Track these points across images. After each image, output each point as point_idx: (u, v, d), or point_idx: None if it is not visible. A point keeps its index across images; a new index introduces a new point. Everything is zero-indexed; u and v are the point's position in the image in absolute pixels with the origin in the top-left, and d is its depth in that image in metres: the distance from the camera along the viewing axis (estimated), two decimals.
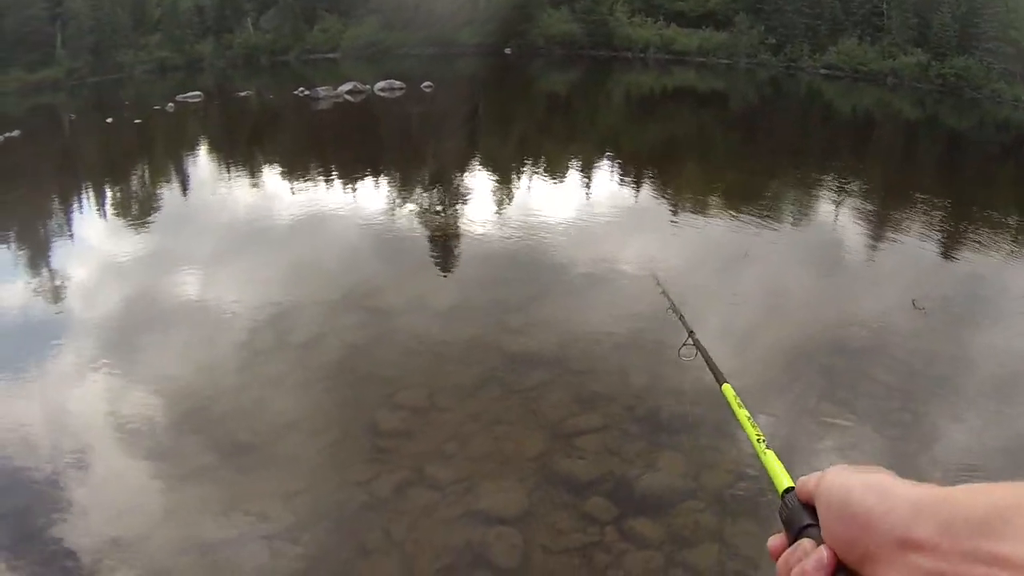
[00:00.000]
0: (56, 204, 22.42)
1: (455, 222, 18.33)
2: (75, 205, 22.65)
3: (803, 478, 0.93)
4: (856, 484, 0.78)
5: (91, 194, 23.74)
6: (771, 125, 33.51)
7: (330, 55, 56.87)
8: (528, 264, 15.20)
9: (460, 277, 15.00)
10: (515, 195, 20.87)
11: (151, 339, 12.02)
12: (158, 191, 24.26)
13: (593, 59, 51.84)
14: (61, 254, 17.39)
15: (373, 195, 21.22)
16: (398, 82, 39.00)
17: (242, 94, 40.73)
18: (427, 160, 26.66)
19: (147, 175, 26.60)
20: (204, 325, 12.52)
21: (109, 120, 34.67)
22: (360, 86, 38.72)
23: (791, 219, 18.92)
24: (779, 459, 1.13)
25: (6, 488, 8.36)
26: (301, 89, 39.28)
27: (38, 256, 17.27)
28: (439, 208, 19.43)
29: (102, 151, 30.98)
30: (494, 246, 16.40)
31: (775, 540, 0.93)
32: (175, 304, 13.46)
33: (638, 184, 22.39)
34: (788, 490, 1.00)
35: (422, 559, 7.29)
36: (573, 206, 19.28)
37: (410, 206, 19.74)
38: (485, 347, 11.55)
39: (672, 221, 18.46)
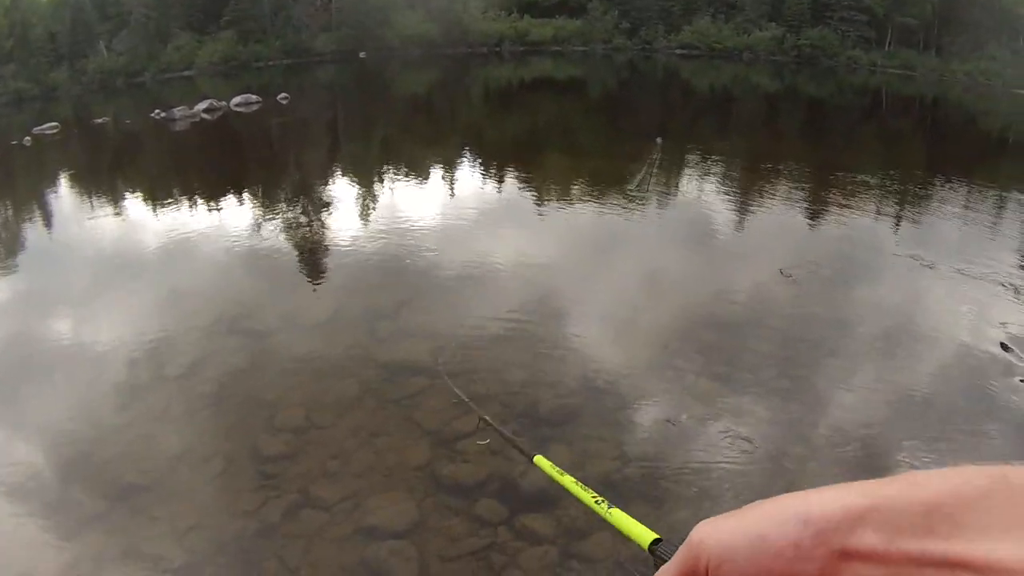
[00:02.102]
0: None
1: (321, 233, 18.38)
2: None
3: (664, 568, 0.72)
4: (762, 522, 0.66)
5: None
6: (631, 108, 34.15)
7: (186, 73, 55.85)
8: (396, 270, 15.37)
9: (330, 289, 15.02)
10: (380, 200, 20.98)
11: (22, 386, 11.71)
12: (20, 230, 23.21)
13: (450, 57, 52.13)
14: None
15: (237, 214, 20.98)
16: (254, 96, 38.67)
17: (99, 121, 39.57)
18: (288, 173, 26.52)
19: (8, 214, 25.98)
20: (77, 366, 12.25)
21: None
22: (216, 103, 38.08)
23: (656, 200, 19.38)
24: (628, 514, 1.04)
25: None
26: (158, 111, 38.32)
27: None
28: (305, 221, 19.45)
29: None
30: (361, 254, 16.53)
31: None
32: (44, 347, 13.13)
33: (501, 178, 22.73)
34: (656, 542, 0.92)
35: None
36: (438, 207, 19.49)
37: (275, 222, 19.65)
38: (359, 359, 11.66)
39: (538, 213, 18.84)
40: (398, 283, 14.67)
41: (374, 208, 20.14)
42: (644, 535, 0.96)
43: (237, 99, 38.48)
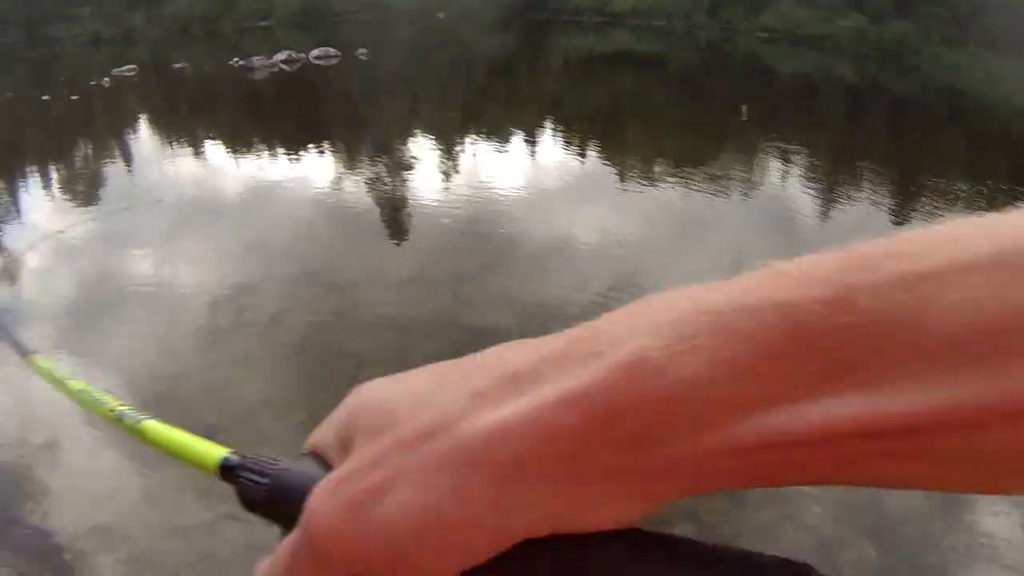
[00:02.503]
0: None
1: (401, 191, 18.30)
2: (19, 185, 22.33)
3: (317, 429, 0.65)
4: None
5: (34, 174, 23.46)
6: (713, 89, 33.66)
7: (263, 23, 56.04)
8: (477, 234, 15.19)
9: (411, 248, 14.92)
10: (460, 163, 20.75)
11: (106, 322, 11.88)
12: (101, 169, 23.95)
13: (528, 21, 51.52)
14: (6, 234, 17.24)
15: (318, 166, 21.06)
16: (333, 50, 38.52)
17: (177, 66, 40.05)
18: (368, 129, 26.42)
19: (89, 153, 26.25)
20: (160, 306, 12.35)
21: (46, 98, 34.15)
22: (295, 55, 38.06)
23: (739, 185, 19.05)
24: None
25: None
26: (236, 59, 38.57)
27: None
28: (385, 178, 19.36)
29: (41, 130, 30.51)
30: (442, 215, 16.35)
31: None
32: (128, 285, 13.31)
33: (584, 150, 22.34)
34: (229, 462, 0.66)
35: None
36: (520, 175, 19.18)
37: (355, 177, 19.63)
38: (443, 321, 11.57)
39: (622, 187, 18.50)
40: (480, 247, 14.51)
41: (454, 171, 19.94)
42: (212, 453, 0.69)
43: (316, 52, 38.41)
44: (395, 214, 16.76)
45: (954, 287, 0.38)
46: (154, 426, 0.73)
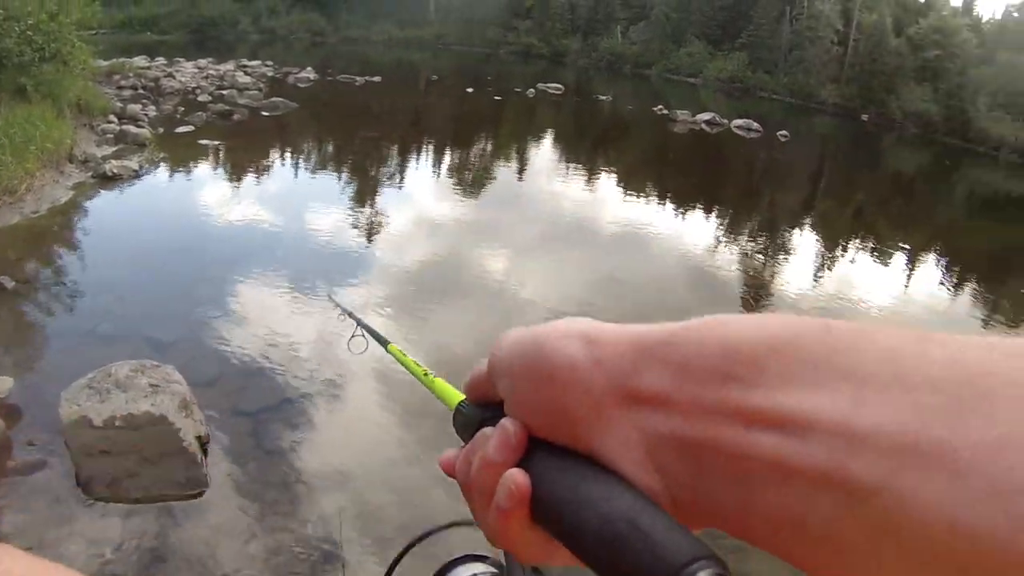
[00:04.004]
0: (397, 154, 23.23)
1: (772, 274, 17.63)
2: (415, 159, 23.97)
3: (470, 373, 0.71)
4: (548, 334, 0.58)
5: (433, 153, 24.61)
6: None
7: (691, 79, 56.72)
8: None
9: None
10: (835, 267, 19.62)
11: (443, 301, 12.31)
12: (496, 166, 25.29)
13: (944, 145, 49.05)
14: (387, 200, 18.31)
15: (699, 226, 20.87)
16: (755, 124, 38.05)
17: (601, 97, 41.09)
18: (763, 207, 25.97)
19: (491, 149, 27.32)
20: (499, 305, 12.59)
21: (469, 90, 35.69)
22: (719, 119, 38.03)
23: None
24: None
25: (256, 390, 8.56)
26: (660, 108, 39.33)
27: (364, 194, 18.33)
28: (759, 257, 18.74)
29: (457, 117, 31.86)
30: (805, 310, 15.34)
31: (448, 453, 0.71)
32: (476, 275, 13.68)
33: (957, 285, 20.45)
34: (462, 401, 0.79)
35: None
36: (888, 292, 17.77)
37: (732, 248, 19.18)
38: None
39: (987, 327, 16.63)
40: None
41: (828, 271, 18.82)
42: (453, 396, 0.82)
43: (739, 121, 38.14)
44: (756, 292, 16.06)
45: None
46: (438, 380, 0.92)
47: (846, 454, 0.41)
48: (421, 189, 19.85)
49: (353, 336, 1.67)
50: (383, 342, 1.39)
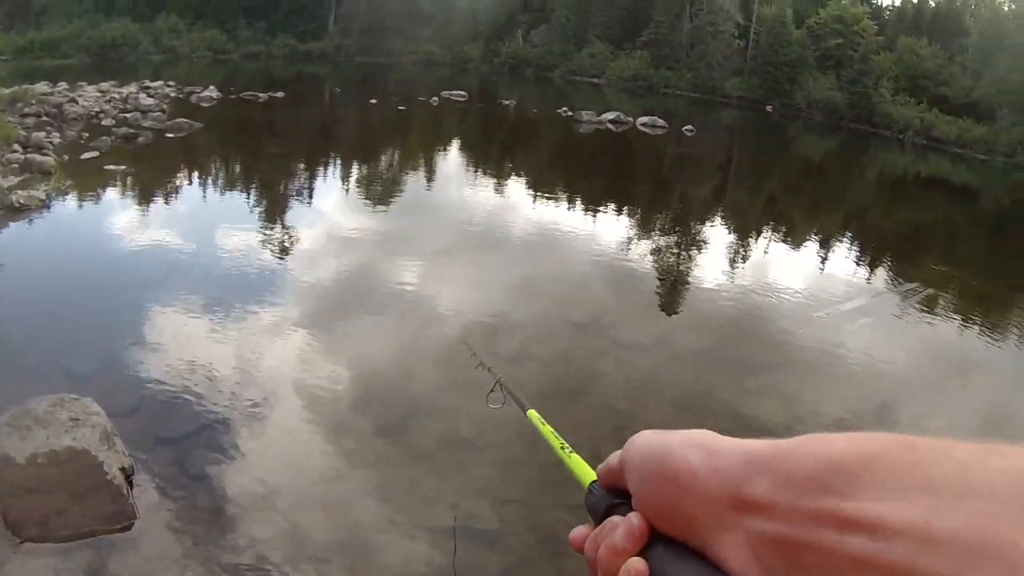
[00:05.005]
0: (305, 169, 23.41)
1: (689, 267, 18.00)
2: (322, 174, 24.18)
3: (604, 461, 0.81)
4: (674, 442, 0.69)
5: (340, 166, 24.84)
6: (1020, 232, 31.19)
7: (594, 80, 57.31)
8: (760, 327, 14.55)
9: (690, 321, 14.57)
10: (750, 254, 20.03)
11: (359, 314, 12.37)
12: (405, 177, 25.51)
13: (851, 131, 50.07)
14: (297, 215, 18.47)
15: (614, 224, 21.16)
16: (660, 120, 38.63)
17: (505, 102, 41.40)
18: (674, 201, 26.57)
19: (399, 159, 27.62)
20: (417, 316, 12.64)
21: (373, 101, 35.84)
22: (623, 117, 38.71)
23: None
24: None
25: (178, 416, 8.57)
26: (565, 109, 39.95)
27: (274, 212, 18.38)
28: (675, 251, 19.23)
29: (361, 128, 31.98)
30: (726, 299, 15.87)
31: (578, 531, 0.80)
32: (393, 286, 13.75)
33: (873, 268, 20.92)
34: (594, 481, 0.87)
35: None
36: (807, 277, 18.13)
37: (646, 243, 19.60)
38: (721, 400, 11.13)
39: (907, 315, 16.97)
40: (761, 340, 13.93)
41: (744, 259, 19.33)
42: (587, 474, 0.91)
43: (644, 119, 38.83)
44: (674, 286, 16.54)
45: None
46: (575, 456, 0.99)
47: (924, 554, 0.48)
48: (328, 204, 19.90)
49: (492, 391, 1.78)
50: (523, 407, 1.47)
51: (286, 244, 15.70)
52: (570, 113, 39.17)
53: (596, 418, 10.17)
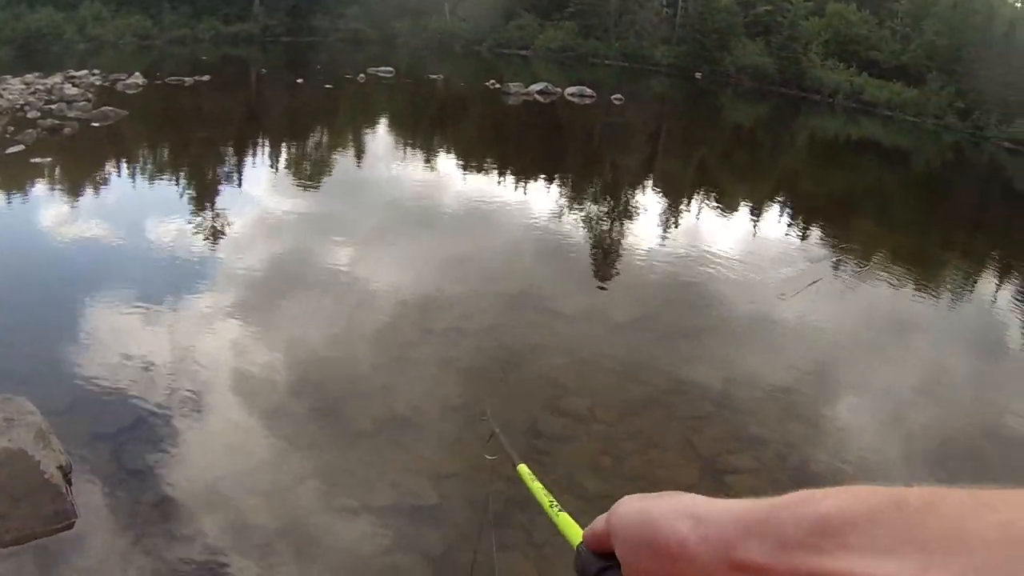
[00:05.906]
0: (233, 152, 23.30)
1: (619, 237, 18.31)
2: (251, 156, 23.93)
3: (590, 525, 0.83)
4: (661, 510, 0.70)
5: (269, 148, 24.68)
6: (950, 193, 31.75)
7: (522, 52, 57.13)
8: (695, 293, 14.85)
9: (625, 291, 14.77)
10: (683, 221, 20.35)
11: (292, 298, 12.30)
12: (334, 156, 25.45)
13: (781, 96, 50.51)
14: (227, 200, 18.14)
15: (545, 196, 21.31)
16: (589, 90, 38.85)
17: (433, 77, 41.30)
18: (605, 171, 26.81)
19: (327, 139, 27.50)
20: (351, 297, 12.74)
21: (299, 81, 35.63)
22: (551, 88, 38.83)
23: (952, 293, 17.44)
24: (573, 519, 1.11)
25: (114, 411, 8.52)
26: (493, 82, 39.93)
27: (204, 198, 18.09)
28: (605, 220, 19.54)
29: (288, 109, 31.86)
30: (659, 267, 16.15)
31: None
32: (325, 268, 13.78)
33: (806, 229, 21.29)
34: (581, 546, 0.88)
35: None
36: (742, 245, 18.35)
37: (577, 213, 19.80)
38: (654, 368, 11.36)
39: (850, 287, 17.22)
40: (697, 306, 14.23)
41: (676, 227, 19.65)
42: (576, 534, 0.98)
43: (572, 89, 39.06)
44: (608, 256, 16.86)
45: None
46: (563, 515, 1.09)
47: None
48: (257, 187, 19.71)
49: (489, 440, 2.04)
50: (514, 461, 1.57)
51: (217, 231, 15.52)
52: (498, 85, 39.19)
53: (533, 389, 10.27)
